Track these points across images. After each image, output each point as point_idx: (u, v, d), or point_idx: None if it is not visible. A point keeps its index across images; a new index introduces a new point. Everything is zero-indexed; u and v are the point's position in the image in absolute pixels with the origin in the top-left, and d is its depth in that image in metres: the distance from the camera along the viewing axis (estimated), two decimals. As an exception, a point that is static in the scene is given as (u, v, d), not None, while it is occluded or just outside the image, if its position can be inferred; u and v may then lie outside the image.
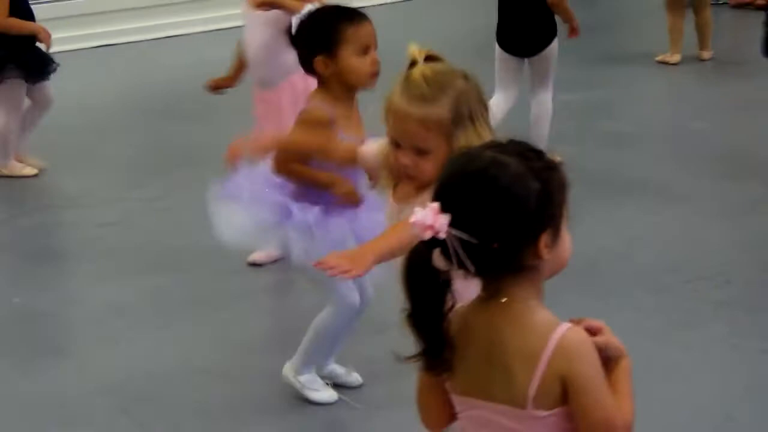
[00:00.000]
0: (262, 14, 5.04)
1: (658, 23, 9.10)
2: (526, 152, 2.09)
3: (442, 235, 2.00)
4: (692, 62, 8.81)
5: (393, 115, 2.79)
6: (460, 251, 2.00)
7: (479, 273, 2.06)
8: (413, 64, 2.79)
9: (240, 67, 5.40)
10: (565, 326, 2.07)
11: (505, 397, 2.08)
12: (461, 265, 2.02)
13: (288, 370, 4.06)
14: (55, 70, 6.68)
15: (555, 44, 6.41)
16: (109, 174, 6.71)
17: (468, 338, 2.10)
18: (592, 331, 2.12)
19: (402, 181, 2.87)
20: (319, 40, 3.74)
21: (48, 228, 5.98)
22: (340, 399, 4.06)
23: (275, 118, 5.06)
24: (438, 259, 2.04)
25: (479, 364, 2.10)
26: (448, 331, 2.07)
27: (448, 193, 2.05)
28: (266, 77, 5.14)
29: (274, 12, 4.96)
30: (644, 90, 8.24)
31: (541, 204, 2.05)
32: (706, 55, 8.82)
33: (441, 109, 2.75)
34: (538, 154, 2.10)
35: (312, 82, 4.99)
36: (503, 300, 2.09)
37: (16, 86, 6.57)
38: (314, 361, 4.04)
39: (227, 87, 5.51)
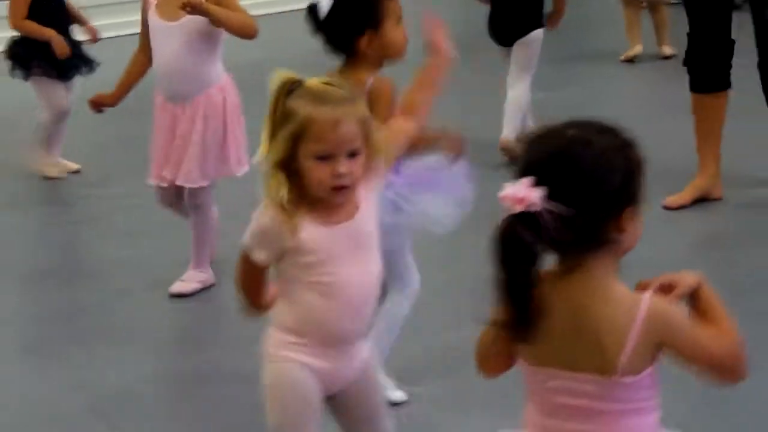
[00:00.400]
0: (175, 24, 4.75)
1: (621, 22, 9.18)
2: (605, 130, 2.21)
3: (535, 208, 2.09)
4: (656, 60, 8.88)
5: (321, 129, 2.73)
6: (554, 224, 2.09)
7: (564, 246, 2.15)
8: (296, 83, 2.79)
9: (129, 83, 5.00)
10: (648, 296, 2.17)
11: (591, 367, 2.17)
12: (548, 239, 2.11)
13: None
14: (82, 72, 6.58)
15: (535, 37, 6.57)
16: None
17: (546, 311, 2.18)
18: (665, 289, 2.22)
19: (330, 199, 2.79)
20: (365, 16, 3.73)
21: (12, 226, 6.00)
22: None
23: (185, 136, 4.83)
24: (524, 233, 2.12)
25: (560, 336, 2.18)
26: (539, 300, 2.16)
27: (538, 169, 2.13)
28: (180, 91, 4.81)
29: (192, 21, 4.69)
30: (610, 89, 8.29)
31: (626, 179, 2.17)
32: (667, 50, 8.88)
33: (363, 107, 2.81)
34: (616, 131, 2.22)
35: (232, 94, 4.87)
36: (585, 273, 2.18)
37: (43, 83, 6.53)
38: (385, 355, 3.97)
39: (109, 105, 5.07)
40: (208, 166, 4.87)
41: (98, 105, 5.09)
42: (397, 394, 3.99)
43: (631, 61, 8.99)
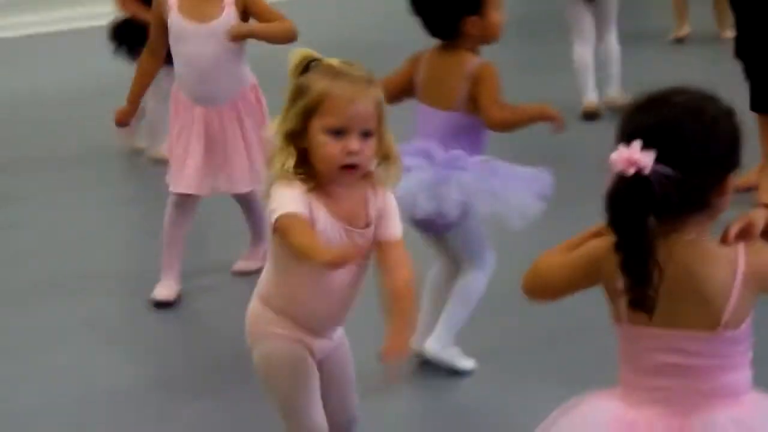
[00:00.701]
0: (206, 26, 4.65)
1: (669, 2, 9.12)
2: (709, 98, 2.31)
3: (646, 171, 2.19)
4: (708, 41, 8.79)
5: (336, 103, 2.74)
6: (662, 187, 2.19)
7: (667, 209, 2.23)
8: (314, 60, 2.81)
9: (141, 92, 4.87)
10: (742, 249, 2.28)
11: (695, 324, 2.28)
12: (654, 202, 2.21)
13: (434, 346, 4.05)
14: None
15: None
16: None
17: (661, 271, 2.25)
18: (745, 232, 2.30)
19: (338, 179, 2.79)
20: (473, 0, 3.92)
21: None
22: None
23: (236, 140, 4.74)
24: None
25: (666, 296, 2.27)
26: (655, 264, 2.24)
27: (648, 135, 2.22)
28: (216, 93, 4.71)
29: (222, 23, 4.64)
30: (660, 70, 8.21)
31: (731, 145, 2.29)
32: (727, 33, 8.51)
33: (379, 91, 2.82)
34: (718, 99, 2.32)
35: (260, 92, 4.76)
36: (685, 235, 2.28)
37: None
38: (458, 331, 4.08)
39: (130, 119, 4.99)
40: (258, 166, 4.75)
41: (122, 122, 4.98)
42: (467, 363, 4.11)
43: (681, 41, 8.92)
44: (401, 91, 4.02)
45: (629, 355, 2.37)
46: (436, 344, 4.05)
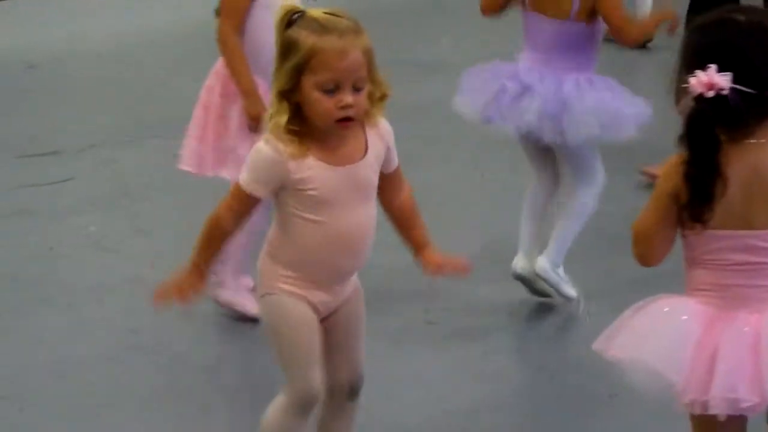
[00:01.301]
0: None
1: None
2: (764, 12, 2.35)
3: (725, 92, 2.37)
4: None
5: (327, 58, 2.72)
6: (738, 103, 2.38)
7: (739, 120, 2.42)
8: (297, 13, 2.77)
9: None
10: None
11: (765, 224, 2.46)
12: (729, 117, 2.39)
13: (544, 264, 4.11)
14: None
15: None
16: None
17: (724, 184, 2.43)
18: None
19: (336, 132, 2.79)
20: None
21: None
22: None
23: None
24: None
25: (739, 198, 2.46)
26: (718, 181, 2.41)
27: (721, 55, 2.40)
28: None
29: None
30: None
31: None
32: None
33: (367, 38, 2.80)
34: (766, 13, 2.64)
35: None
36: (753, 138, 2.46)
37: None
38: (568, 249, 4.15)
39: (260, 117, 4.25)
40: None
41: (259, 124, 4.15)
42: (571, 290, 4.18)
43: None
44: (507, 1, 4.07)
45: (699, 259, 2.51)
46: (547, 262, 4.11)
